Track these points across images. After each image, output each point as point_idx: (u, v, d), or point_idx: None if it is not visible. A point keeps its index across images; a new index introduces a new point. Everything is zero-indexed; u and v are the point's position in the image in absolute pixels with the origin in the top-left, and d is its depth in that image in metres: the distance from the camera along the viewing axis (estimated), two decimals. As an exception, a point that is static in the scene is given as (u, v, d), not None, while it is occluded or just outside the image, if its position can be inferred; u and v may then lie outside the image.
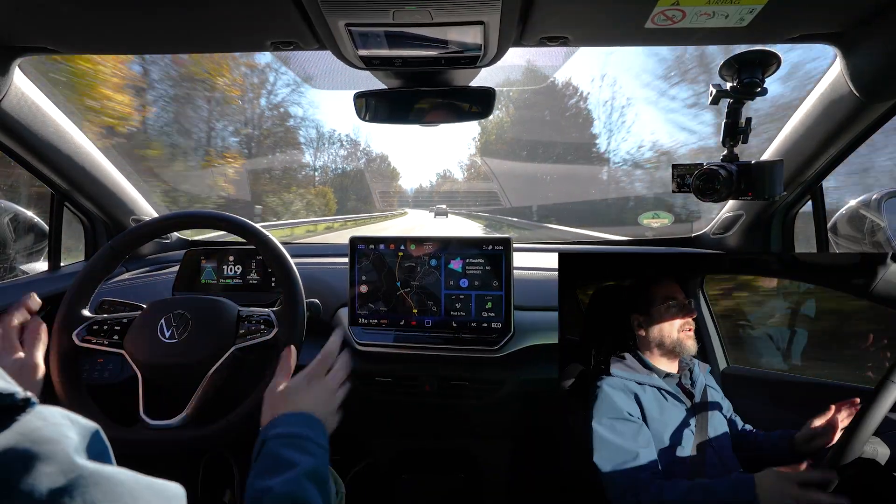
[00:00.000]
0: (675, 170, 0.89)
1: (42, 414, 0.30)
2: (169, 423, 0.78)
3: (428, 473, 1.24)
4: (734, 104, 0.82)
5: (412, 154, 75.91)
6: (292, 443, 0.60)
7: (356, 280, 1.02)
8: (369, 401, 1.05)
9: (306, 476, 0.56)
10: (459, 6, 0.66)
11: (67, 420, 0.31)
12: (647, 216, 1.48)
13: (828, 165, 1.02)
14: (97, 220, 1.31)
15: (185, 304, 0.86)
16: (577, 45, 0.84)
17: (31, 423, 0.29)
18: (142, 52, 1.08)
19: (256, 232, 0.89)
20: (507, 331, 0.97)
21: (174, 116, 8.96)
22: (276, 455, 0.59)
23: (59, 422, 0.30)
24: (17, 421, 0.29)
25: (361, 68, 0.87)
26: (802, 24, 0.77)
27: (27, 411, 0.30)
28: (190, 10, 0.73)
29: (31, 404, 0.30)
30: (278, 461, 0.58)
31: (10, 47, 0.86)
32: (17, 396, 0.29)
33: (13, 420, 0.28)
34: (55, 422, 0.30)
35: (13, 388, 0.30)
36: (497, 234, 5.59)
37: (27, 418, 0.29)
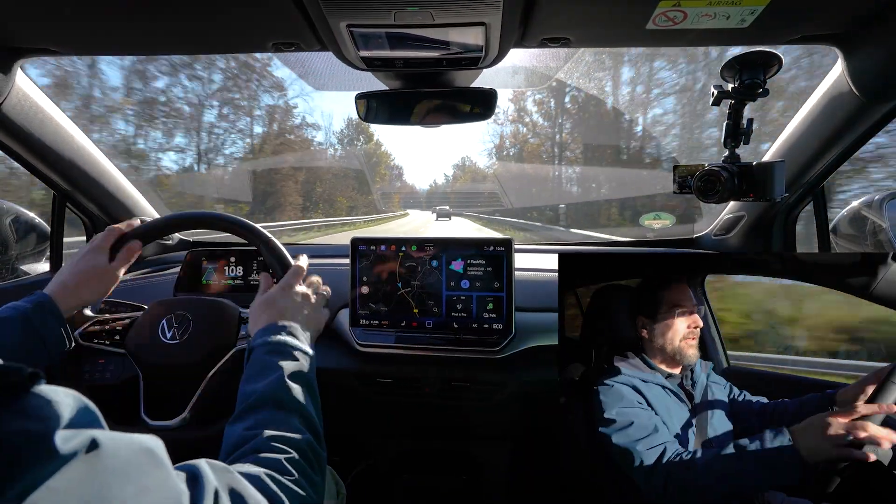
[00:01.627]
0: (677, 171, 0.89)
1: (51, 391, 0.30)
2: (169, 424, 0.78)
3: (428, 474, 1.24)
4: (735, 105, 0.82)
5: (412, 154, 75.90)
6: (276, 349, 0.63)
7: (357, 281, 1.02)
8: (370, 402, 1.05)
9: (290, 377, 0.59)
10: (461, 7, 0.66)
11: (70, 398, 0.31)
12: (649, 217, 1.47)
13: (830, 166, 1.02)
14: (99, 221, 1.31)
15: (187, 304, 0.87)
16: (579, 46, 0.84)
17: (36, 400, 0.29)
18: (143, 54, 1.08)
19: (258, 232, 0.89)
20: (508, 332, 0.97)
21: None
22: (261, 361, 0.61)
23: (62, 399, 0.30)
24: (24, 398, 0.29)
25: (363, 69, 0.87)
26: (804, 25, 0.77)
27: (34, 389, 0.29)
28: (192, 11, 0.73)
29: (39, 381, 0.30)
30: (263, 366, 0.60)
31: (12, 48, 0.86)
32: (25, 372, 0.29)
33: (21, 397, 0.28)
34: (59, 399, 0.30)
35: (18, 364, 0.30)
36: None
37: (35, 395, 0.29)
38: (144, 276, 1.30)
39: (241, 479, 0.42)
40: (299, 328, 0.68)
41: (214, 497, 0.37)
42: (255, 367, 0.61)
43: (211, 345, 0.82)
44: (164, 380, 0.82)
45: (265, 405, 0.56)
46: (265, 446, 0.50)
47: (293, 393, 0.58)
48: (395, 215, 23.38)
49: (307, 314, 0.73)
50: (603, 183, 14.89)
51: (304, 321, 0.71)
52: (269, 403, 0.56)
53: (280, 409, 0.56)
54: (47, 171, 1.10)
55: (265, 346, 0.63)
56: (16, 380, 0.29)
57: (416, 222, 18.79)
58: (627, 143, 14.46)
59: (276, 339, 0.64)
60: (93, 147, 1.16)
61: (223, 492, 0.39)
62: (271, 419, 0.54)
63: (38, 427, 0.28)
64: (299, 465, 0.50)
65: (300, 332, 0.68)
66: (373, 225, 17.17)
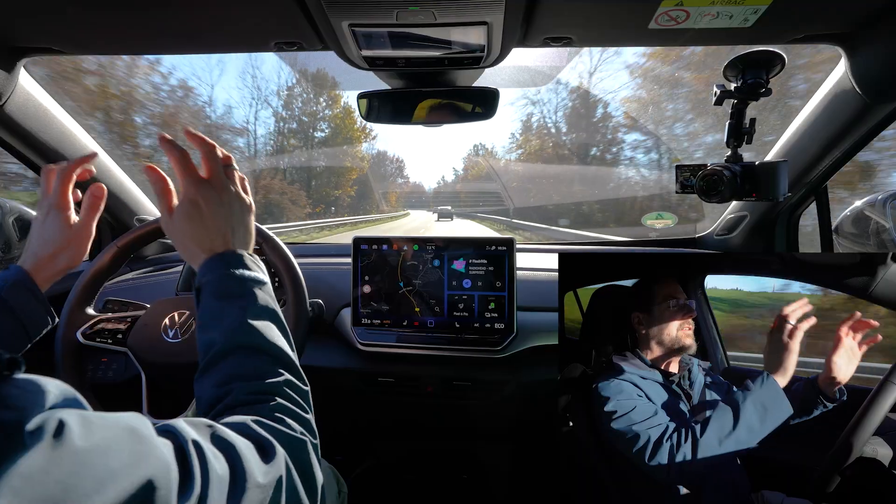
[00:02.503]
0: (679, 170, 0.89)
1: (27, 381, 0.29)
2: None
3: (430, 473, 1.25)
4: (738, 105, 0.81)
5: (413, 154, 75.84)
6: (228, 289, 0.53)
7: (359, 280, 1.03)
8: (372, 401, 1.05)
9: (251, 316, 0.51)
10: (463, 7, 0.66)
11: (52, 386, 0.30)
12: (651, 217, 1.47)
13: (833, 166, 1.02)
14: (102, 220, 1.31)
15: (189, 303, 0.87)
16: (581, 46, 0.84)
17: (12, 389, 0.28)
18: (146, 53, 1.08)
19: (260, 232, 0.89)
20: (509, 331, 0.97)
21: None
22: (213, 305, 0.52)
23: (41, 388, 0.29)
24: (1, 387, 0.27)
25: (365, 69, 0.87)
26: (807, 24, 0.77)
27: (14, 376, 0.28)
28: (195, 10, 0.73)
29: (18, 368, 0.28)
30: (217, 310, 0.52)
31: (15, 48, 0.86)
32: (2, 358, 0.28)
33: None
34: (38, 388, 0.29)
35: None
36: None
37: (12, 383, 0.28)
38: (146, 276, 1.30)
39: (225, 429, 0.39)
40: (245, 252, 0.56)
41: (199, 454, 0.34)
42: (208, 312, 0.52)
43: None
44: (166, 379, 0.83)
45: (231, 354, 0.49)
46: (242, 398, 0.46)
47: (258, 333, 0.50)
48: (396, 216, 22.66)
49: (246, 224, 0.59)
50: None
51: (246, 235, 0.59)
52: (236, 351, 0.49)
53: (248, 356, 0.49)
54: None
55: (213, 286, 0.53)
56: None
57: (412, 224, 17.60)
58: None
59: (228, 274, 0.53)
60: (96, 146, 1.16)
61: (207, 442, 0.36)
62: (240, 368, 0.48)
63: (11, 416, 0.26)
64: (283, 408, 0.46)
65: (248, 258, 0.56)
66: (363, 227, 15.80)
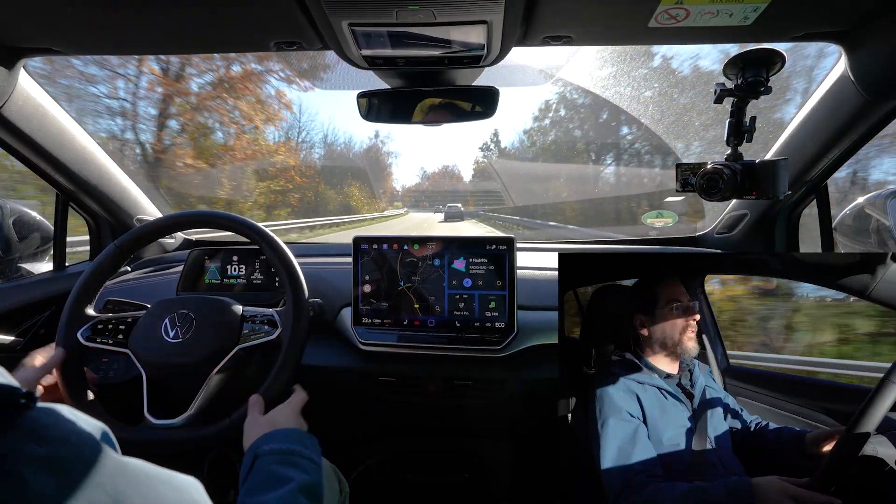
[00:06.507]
0: (680, 169, 0.88)
1: (49, 412, 0.30)
2: (173, 423, 0.78)
3: (431, 473, 1.25)
4: (738, 103, 0.81)
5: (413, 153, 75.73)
6: (285, 459, 0.60)
7: (360, 280, 1.03)
8: (372, 400, 1.05)
9: (301, 492, 0.56)
10: (463, 6, 0.66)
11: (75, 417, 0.31)
12: (651, 216, 1.47)
13: (833, 164, 1.02)
14: (102, 221, 1.32)
15: (190, 303, 0.87)
16: (581, 45, 0.84)
17: (38, 421, 0.28)
18: (146, 53, 1.08)
19: (260, 231, 0.89)
20: (510, 330, 0.97)
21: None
22: (269, 471, 0.58)
23: (69, 419, 0.30)
24: (22, 419, 0.28)
25: (365, 68, 0.87)
26: (807, 22, 0.77)
27: (31, 409, 0.29)
28: (194, 10, 0.73)
29: (34, 400, 0.29)
30: (272, 477, 0.57)
31: (15, 48, 0.86)
32: (20, 392, 0.29)
33: (17, 418, 0.28)
34: (65, 420, 0.30)
35: (13, 383, 0.29)
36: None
37: (33, 417, 0.29)
38: (147, 276, 1.30)
39: None
40: (308, 434, 0.66)
41: None
42: (262, 477, 0.57)
43: (214, 344, 0.82)
44: (167, 379, 0.83)
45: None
46: None
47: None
48: (396, 215, 21.45)
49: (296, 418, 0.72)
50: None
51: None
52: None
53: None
54: (50, 170, 1.11)
55: (274, 455, 0.60)
56: (8, 401, 0.28)
57: (408, 223, 16.05)
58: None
59: (288, 448, 0.61)
60: (96, 147, 1.16)
61: None
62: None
63: (42, 451, 0.27)
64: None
65: (309, 441, 0.65)
66: (358, 227, 14.88)
